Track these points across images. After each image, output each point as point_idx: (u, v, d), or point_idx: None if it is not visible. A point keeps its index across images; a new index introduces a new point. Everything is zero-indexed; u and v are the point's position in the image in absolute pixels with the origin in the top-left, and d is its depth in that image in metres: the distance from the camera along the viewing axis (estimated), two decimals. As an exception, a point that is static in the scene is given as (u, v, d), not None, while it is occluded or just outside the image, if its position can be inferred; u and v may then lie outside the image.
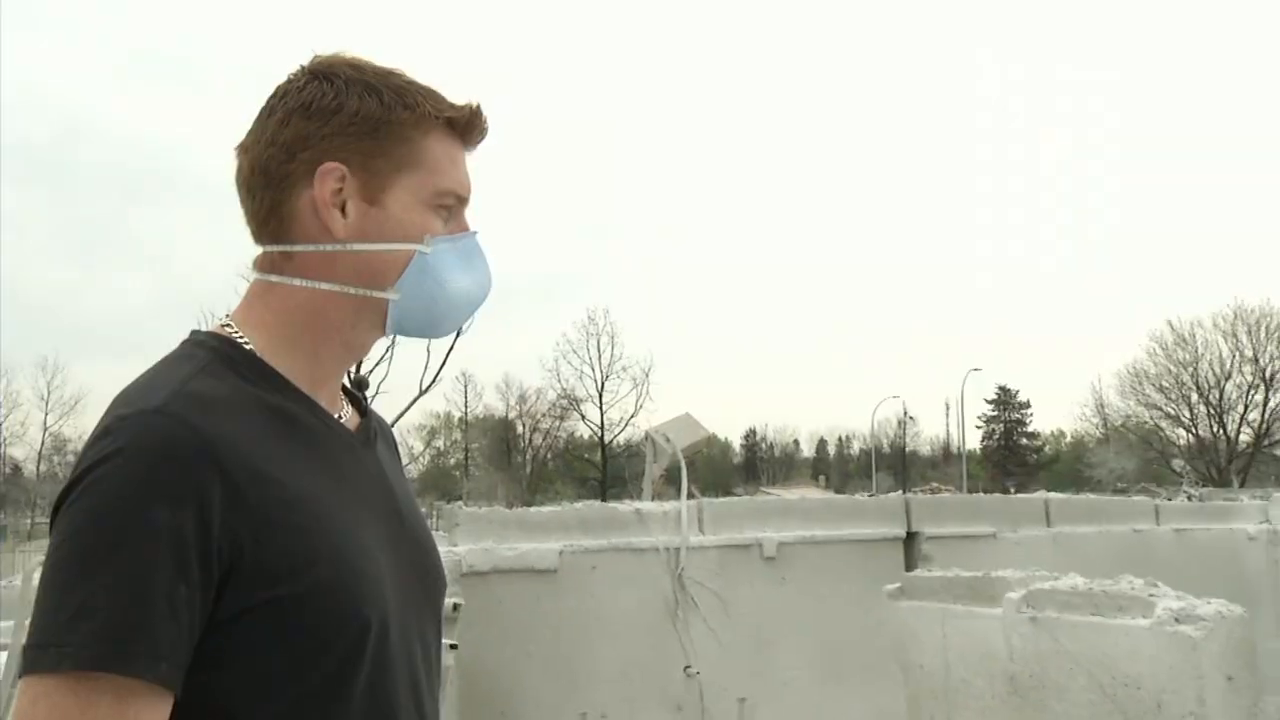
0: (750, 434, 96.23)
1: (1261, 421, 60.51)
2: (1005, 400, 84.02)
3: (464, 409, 66.71)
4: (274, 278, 1.63)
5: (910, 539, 9.76)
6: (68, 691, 1.28)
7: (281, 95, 1.63)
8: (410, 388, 42.26)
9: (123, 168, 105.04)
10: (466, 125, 1.69)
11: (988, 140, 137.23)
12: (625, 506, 8.90)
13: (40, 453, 67.18)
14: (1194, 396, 61.01)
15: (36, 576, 5.93)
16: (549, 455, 64.93)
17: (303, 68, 1.66)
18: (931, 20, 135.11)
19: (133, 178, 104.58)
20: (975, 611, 5.35)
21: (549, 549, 8.09)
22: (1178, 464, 59.82)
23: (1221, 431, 60.41)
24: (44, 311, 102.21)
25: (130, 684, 1.30)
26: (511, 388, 65.76)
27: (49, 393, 66.45)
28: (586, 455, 58.93)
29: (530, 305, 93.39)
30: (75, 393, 65.82)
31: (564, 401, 58.61)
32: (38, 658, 1.30)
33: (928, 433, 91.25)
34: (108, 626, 1.29)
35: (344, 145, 1.59)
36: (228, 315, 1.65)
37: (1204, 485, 46.78)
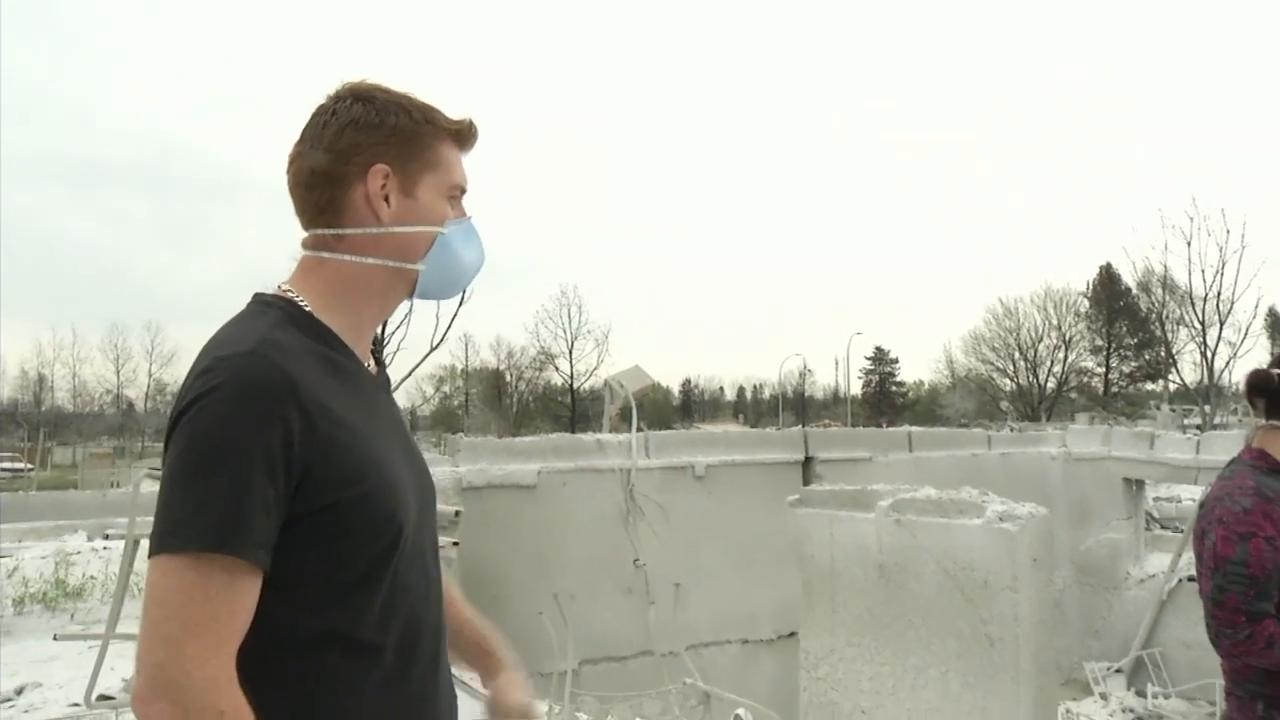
0: (686, 382, 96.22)
1: (1063, 373, 61.21)
2: (880, 357, 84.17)
3: (465, 362, 66.86)
4: (325, 254, 1.66)
5: (807, 462, 9.80)
6: (190, 568, 1.35)
7: (331, 113, 1.66)
8: (422, 346, 42.21)
9: (203, 178, 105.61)
10: (465, 134, 1.75)
11: (877, 142, 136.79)
12: (589, 437, 8.94)
13: (147, 393, 68.14)
14: (1016, 355, 61.51)
15: (144, 485, 5.90)
16: (531, 399, 65.24)
17: (342, 90, 1.69)
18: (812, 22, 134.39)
19: (211, 185, 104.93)
20: (855, 516, 5.34)
21: (530, 469, 8.18)
22: (1004, 405, 60.30)
23: (1035, 381, 60.90)
24: (147, 287, 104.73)
25: (236, 563, 1.37)
26: (502, 346, 66.23)
27: (152, 348, 67.35)
28: (560, 398, 59.13)
29: (517, 281, 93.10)
30: (172, 348, 66.83)
31: (542, 357, 59.01)
32: (166, 542, 1.36)
33: (822, 381, 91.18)
34: (221, 519, 1.36)
35: (386, 151, 1.64)
36: (284, 284, 1.66)
37: (1022, 421, 47.17)
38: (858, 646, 5.30)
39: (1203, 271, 40.19)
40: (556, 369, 60.05)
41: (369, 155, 1.64)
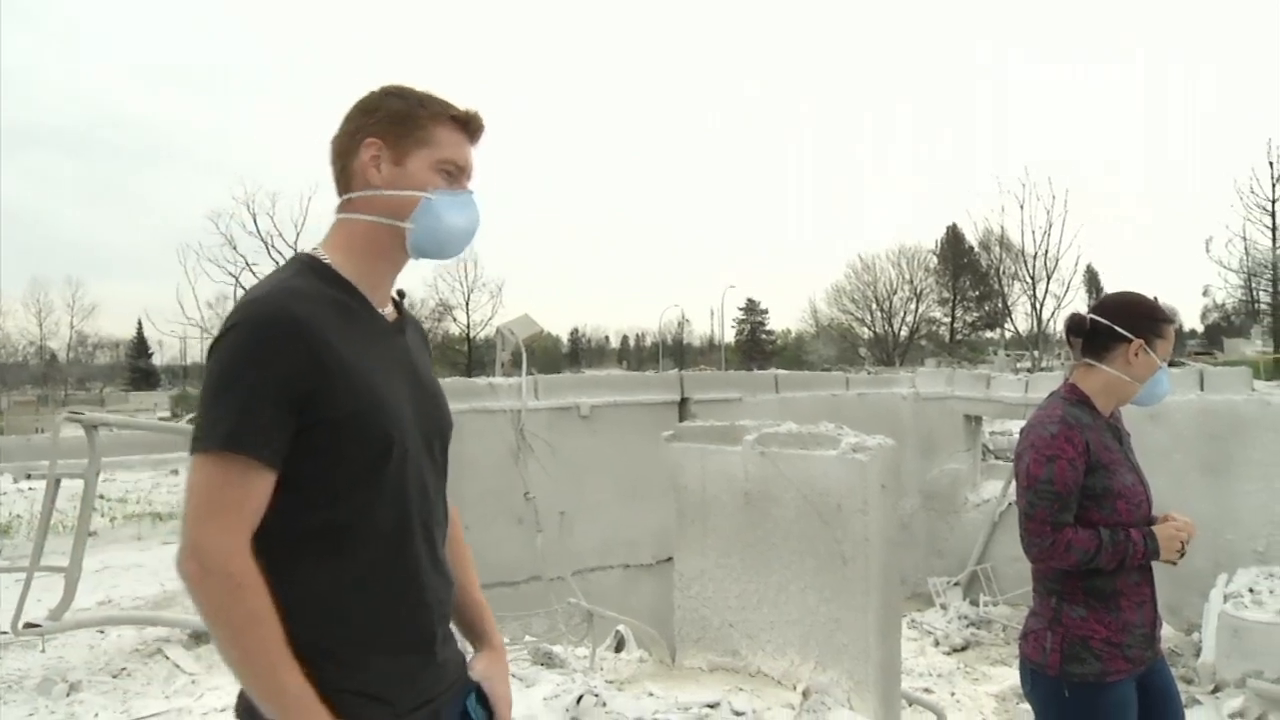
0: (574, 331, 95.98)
1: (914, 323, 62.34)
2: (751, 308, 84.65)
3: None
4: (341, 215, 1.86)
5: (683, 403, 9.87)
6: (213, 463, 1.58)
7: (355, 105, 1.87)
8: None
9: (129, 143, 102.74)
10: (466, 122, 1.89)
11: (752, 108, 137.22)
12: (481, 380, 8.95)
13: (69, 345, 65.83)
14: (873, 306, 62.39)
15: (64, 429, 5.76)
16: (431, 346, 64.87)
17: (370, 90, 1.90)
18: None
19: (137, 150, 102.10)
20: (724, 449, 5.41)
21: None
22: (863, 351, 61.18)
23: (890, 329, 61.92)
24: (71, 244, 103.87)
25: (248, 461, 1.58)
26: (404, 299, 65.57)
27: (74, 302, 64.77)
28: (457, 346, 58.51)
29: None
30: (93, 301, 64.66)
31: (440, 308, 58.16)
32: (195, 444, 1.59)
33: (699, 330, 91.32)
34: (236, 425, 1.58)
35: (379, 128, 1.82)
36: (319, 243, 1.86)
37: (878, 365, 48.05)
38: (726, 567, 5.38)
39: (1033, 232, 41.37)
40: (454, 319, 59.37)
41: (366, 132, 1.82)
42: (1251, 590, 7.86)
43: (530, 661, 5.04)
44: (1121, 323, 2.84)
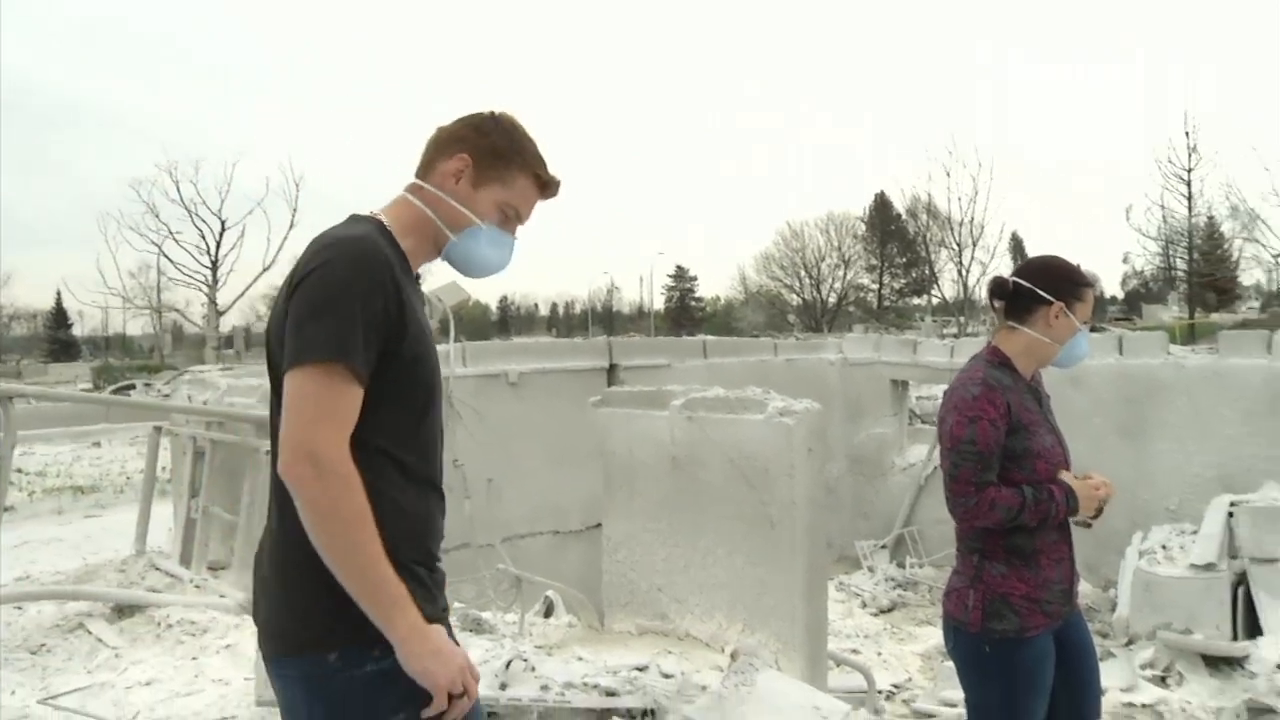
0: (504, 299, 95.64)
1: (842, 289, 62.84)
2: (680, 275, 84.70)
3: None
4: (409, 196, 2.05)
5: (612, 369, 9.88)
6: (321, 372, 1.73)
7: (472, 117, 2.08)
8: (255, 268, 40.79)
9: (45, 108, 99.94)
10: (547, 183, 2.12)
11: (679, 79, 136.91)
12: None
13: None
14: (802, 273, 62.74)
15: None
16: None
17: (496, 110, 2.11)
18: None
19: (52, 116, 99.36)
20: (651, 414, 5.41)
21: None
22: (791, 318, 61.59)
23: (818, 296, 62.36)
24: None
25: (347, 370, 1.74)
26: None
27: (-17, 272, 62.76)
28: (388, 315, 58.15)
29: (352, 205, 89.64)
30: (8, 271, 63.00)
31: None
32: (300, 357, 1.73)
33: (628, 298, 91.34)
34: (340, 339, 1.73)
35: (477, 152, 2.03)
36: (375, 210, 2.03)
37: (807, 332, 48.45)
38: (653, 531, 5.40)
39: (959, 200, 41.78)
40: (383, 288, 58.94)
41: (465, 146, 2.03)
42: (1164, 547, 8.06)
43: (460, 628, 5.02)
44: (1043, 285, 2.88)
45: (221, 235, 42.24)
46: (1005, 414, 2.75)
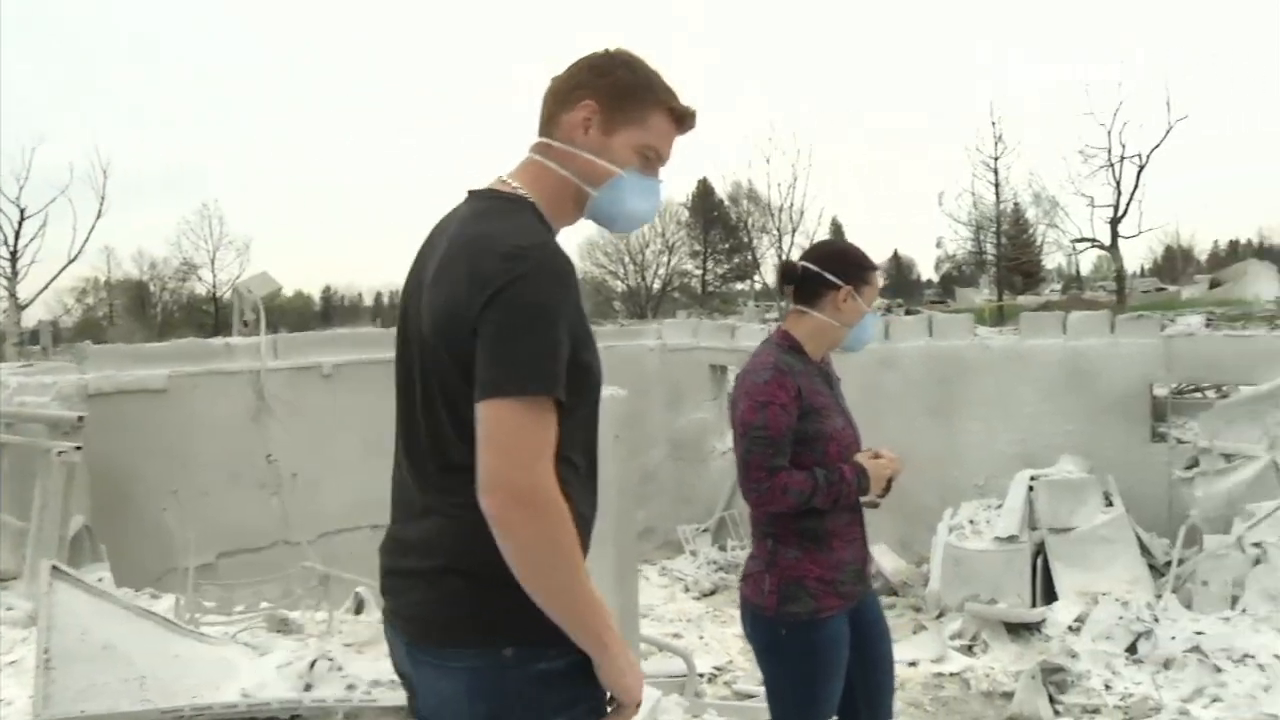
0: (327, 289, 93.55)
1: (667, 275, 63.49)
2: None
3: (107, 274, 61.84)
4: (538, 157, 1.90)
5: (430, 358, 9.75)
6: (532, 407, 1.63)
7: (587, 59, 1.92)
8: (60, 259, 38.78)
9: None
10: (683, 116, 1.95)
11: (496, 61, 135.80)
12: (217, 341, 8.74)
13: None
14: (626, 259, 63.07)
15: None
16: (175, 308, 61.70)
17: (605, 49, 1.94)
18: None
19: None
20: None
21: (159, 374, 7.86)
22: (616, 305, 61.97)
23: (643, 282, 62.87)
24: None
25: (552, 402, 1.65)
26: (144, 258, 61.60)
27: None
28: (204, 307, 56.16)
29: (160, 195, 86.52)
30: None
31: (185, 267, 55.66)
32: (506, 388, 1.63)
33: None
34: (548, 369, 1.64)
35: (601, 95, 1.87)
36: (507, 177, 1.89)
37: (631, 318, 48.83)
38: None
39: (779, 186, 42.58)
40: (200, 279, 56.85)
41: (587, 92, 1.86)
42: (971, 522, 8.42)
43: (265, 629, 4.87)
44: (831, 270, 2.94)
45: (21, 224, 40.09)
46: (796, 398, 2.80)
